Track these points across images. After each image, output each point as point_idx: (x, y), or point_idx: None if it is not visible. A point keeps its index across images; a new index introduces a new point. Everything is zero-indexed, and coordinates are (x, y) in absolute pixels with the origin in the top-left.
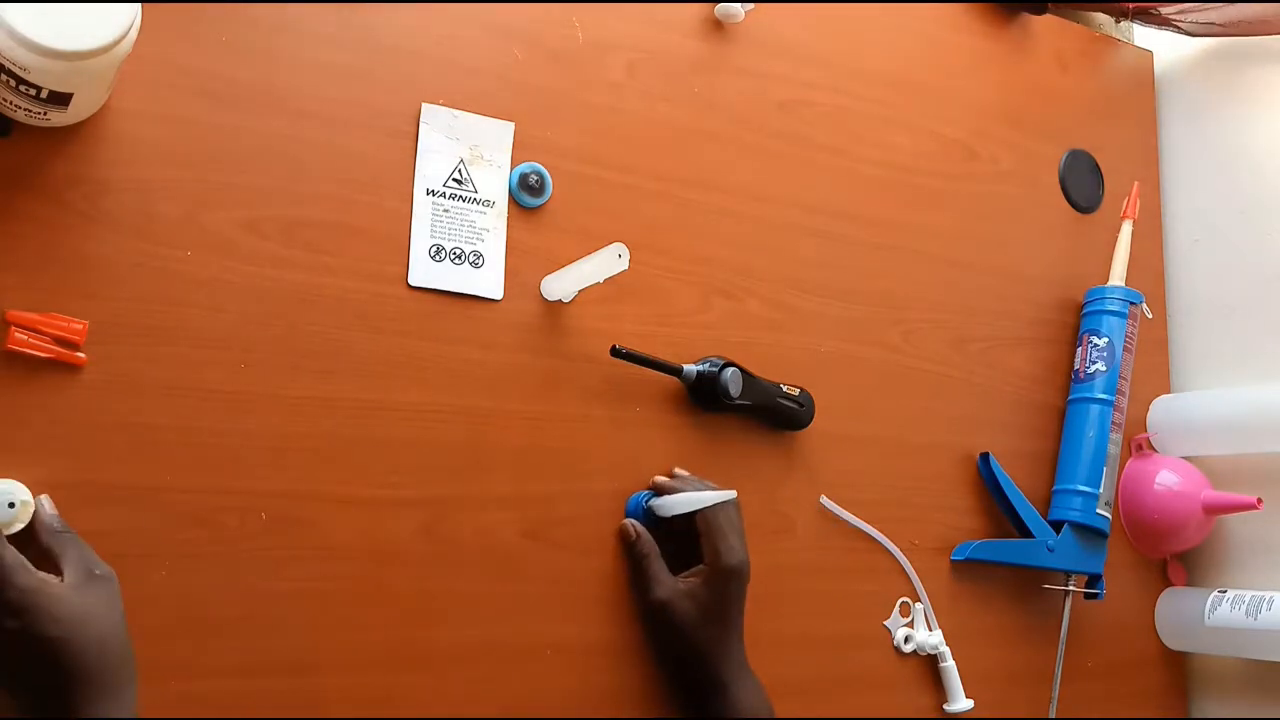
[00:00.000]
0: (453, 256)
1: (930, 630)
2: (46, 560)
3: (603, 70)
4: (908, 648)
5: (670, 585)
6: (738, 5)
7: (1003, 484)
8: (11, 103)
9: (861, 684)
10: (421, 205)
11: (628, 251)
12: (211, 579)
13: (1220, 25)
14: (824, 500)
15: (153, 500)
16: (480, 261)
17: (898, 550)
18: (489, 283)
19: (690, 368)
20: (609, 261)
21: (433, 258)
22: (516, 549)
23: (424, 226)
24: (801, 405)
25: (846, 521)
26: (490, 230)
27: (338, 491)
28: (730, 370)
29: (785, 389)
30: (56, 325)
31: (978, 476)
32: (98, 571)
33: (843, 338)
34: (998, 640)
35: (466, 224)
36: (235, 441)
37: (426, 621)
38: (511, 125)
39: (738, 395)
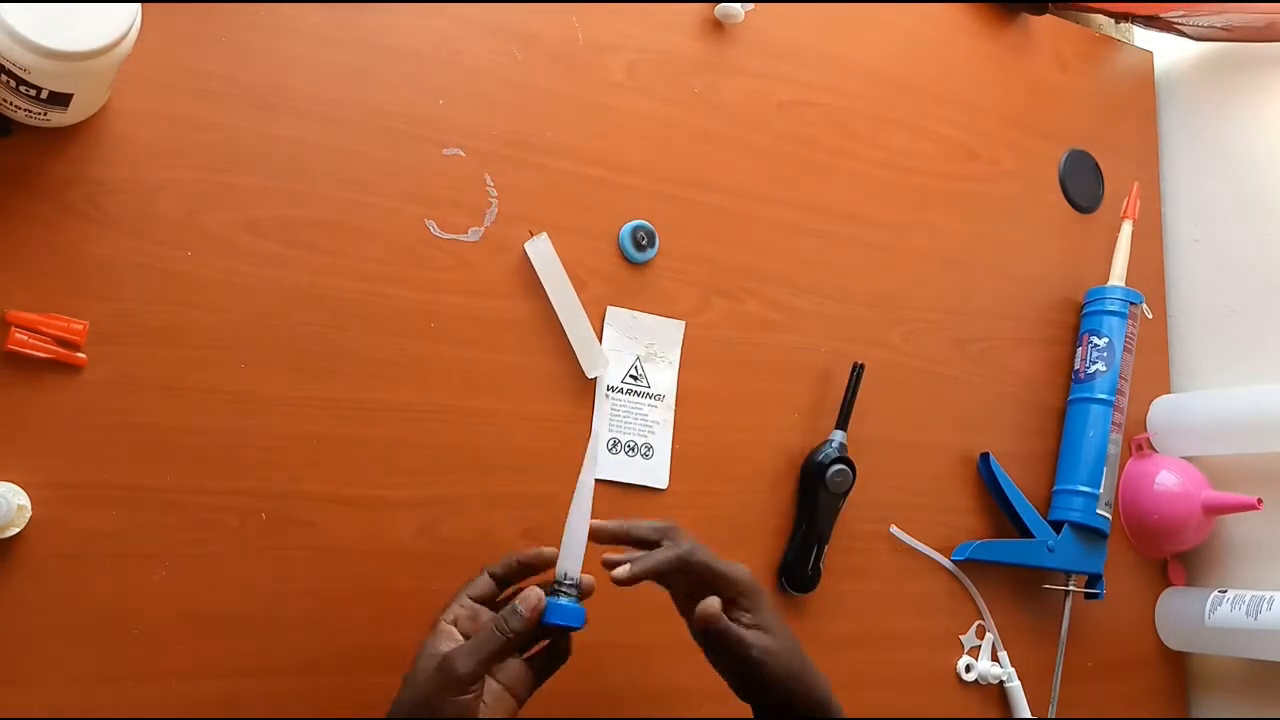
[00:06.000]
0: (627, 449)
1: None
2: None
3: (603, 70)
4: (969, 676)
5: (747, 635)
6: (738, 5)
7: (1003, 484)
8: (11, 103)
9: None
10: (600, 402)
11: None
12: (211, 579)
13: (1223, 30)
14: (894, 530)
15: (153, 500)
16: (650, 453)
17: (968, 580)
18: (656, 473)
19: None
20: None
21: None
22: (516, 549)
23: (603, 422)
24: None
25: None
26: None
27: (338, 491)
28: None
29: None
30: (56, 325)
31: (978, 476)
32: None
33: (842, 338)
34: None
35: (639, 416)
36: (235, 441)
37: (426, 621)
38: (682, 324)
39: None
